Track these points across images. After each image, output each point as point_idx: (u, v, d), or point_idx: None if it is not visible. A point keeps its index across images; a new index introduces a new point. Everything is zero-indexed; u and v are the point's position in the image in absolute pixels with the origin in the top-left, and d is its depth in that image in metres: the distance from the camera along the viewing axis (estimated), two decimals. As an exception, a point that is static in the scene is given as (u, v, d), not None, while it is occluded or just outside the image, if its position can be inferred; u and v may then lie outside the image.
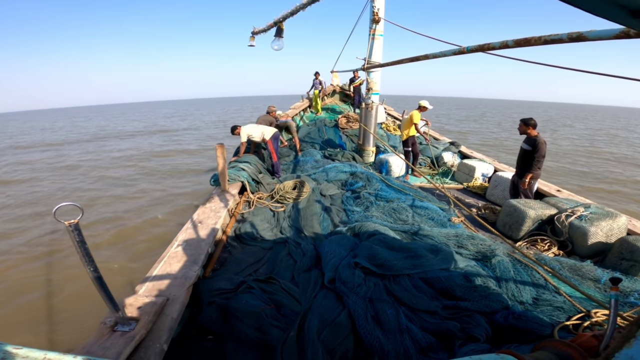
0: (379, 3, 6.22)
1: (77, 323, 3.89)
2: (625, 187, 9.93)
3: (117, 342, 1.85)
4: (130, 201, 8.19)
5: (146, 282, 2.61)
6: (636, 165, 12.95)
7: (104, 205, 7.89)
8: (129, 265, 5.09)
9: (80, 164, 12.83)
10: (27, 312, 4.12)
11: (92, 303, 4.02)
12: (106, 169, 11.71)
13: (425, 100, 6.67)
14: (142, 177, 10.58)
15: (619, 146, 18.14)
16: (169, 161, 13.01)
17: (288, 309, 2.53)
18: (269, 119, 7.36)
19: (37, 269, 5.06)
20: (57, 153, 15.77)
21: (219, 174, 4.68)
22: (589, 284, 2.84)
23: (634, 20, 0.79)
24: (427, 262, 2.94)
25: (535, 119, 4.50)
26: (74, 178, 10.61)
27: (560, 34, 1.82)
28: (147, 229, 6.49)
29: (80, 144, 18.91)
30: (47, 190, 9.37)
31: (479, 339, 2.22)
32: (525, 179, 4.51)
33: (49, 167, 12.39)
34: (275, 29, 6.33)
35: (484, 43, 2.42)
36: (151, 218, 7.04)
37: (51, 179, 10.60)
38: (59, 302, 4.29)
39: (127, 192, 8.97)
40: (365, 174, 5.59)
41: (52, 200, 8.37)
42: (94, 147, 17.44)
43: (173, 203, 8.01)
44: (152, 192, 8.92)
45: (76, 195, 8.80)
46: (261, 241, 3.78)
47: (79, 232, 1.63)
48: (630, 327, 1.02)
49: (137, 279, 2.72)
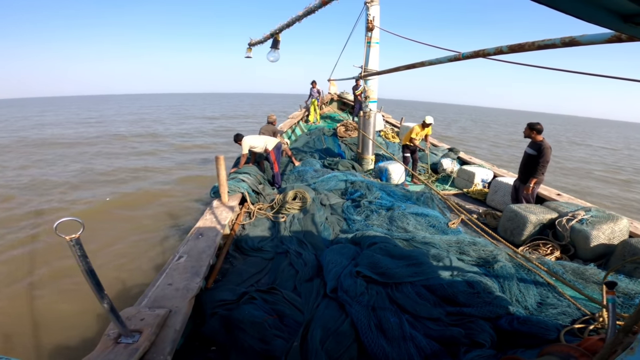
0: (373, 11, 6.31)
1: (80, 335, 3.86)
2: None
3: (120, 354, 1.84)
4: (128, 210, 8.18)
5: (148, 294, 2.60)
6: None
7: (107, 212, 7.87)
8: (131, 277, 5.06)
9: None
10: (24, 324, 4.09)
11: (94, 315, 4.00)
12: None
13: (429, 117, 6.90)
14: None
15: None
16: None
17: (291, 319, 2.51)
18: (271, 129, 7.40)
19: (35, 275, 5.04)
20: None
21: (219, 185, 4.69)
22: (593, 287, 2.83)
23: (624, 24, 0.81)
24: (429, 269, 2.93)
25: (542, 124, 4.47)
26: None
27: (553, 39, 1.85)
28: (150, 239, 6.47)
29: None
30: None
31: (484, 344, 2.21)
32: (530, 184, 4.48)
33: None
34: (272, 40, 6.42)
35: (479, 49, 2.45)
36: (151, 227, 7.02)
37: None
38: (58, 315, 4.26)
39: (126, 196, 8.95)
40: (365, 183, 5.60)
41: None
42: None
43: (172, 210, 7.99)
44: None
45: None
46: (262, 252, 3.77)
47: (80, 247, 1.64)
48: (618, 334, 1.02)
49: (139, 291, 2.71)
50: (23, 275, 5.19)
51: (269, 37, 6.42)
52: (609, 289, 1.43)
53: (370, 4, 6.27)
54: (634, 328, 0.99)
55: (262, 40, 6.66)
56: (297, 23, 5.47)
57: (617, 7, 0.76)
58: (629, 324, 1.00)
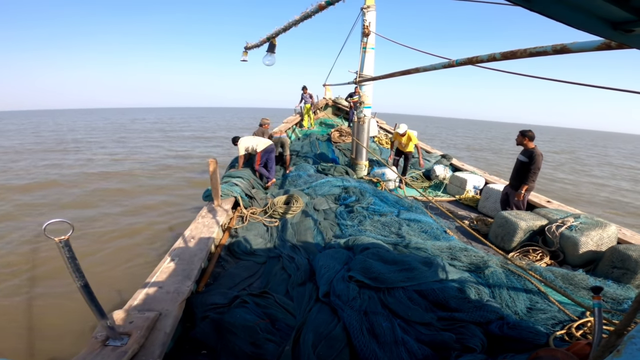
0: (369, 17, 6.37)
1: (66, 337, 3.81)
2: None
3: (108, 357, 1.81)
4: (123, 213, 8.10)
5: (138, 296, 2.58)
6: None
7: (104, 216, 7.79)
8: (121, 279, 5.01)
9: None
10: (11, 325, 4.03)
11: (81, 317, 3.94)
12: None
13: (402, 125, 7.20)
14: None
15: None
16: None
17: (283, 323, 2.50)
18: (262, 132, 7.44)
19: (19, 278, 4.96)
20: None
21: (211, 189, 4.67)
22: (582, 293, 2.86)
23: (614, 32, 0.83)
24: (420, 274, 2.94)
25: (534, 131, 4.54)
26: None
27: (544, 46, 1.89)
28: (141, 242, 6.41)
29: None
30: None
31: (475, 349, 2.22)
32: (521, 191, 4.54)
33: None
34: (268, 44, 6.44)
35: (472, 56, 2.49)
36: (144, 229, 6.96)
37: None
38: (46, 316, 4.20)
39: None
40: (359, 188, 5.61)
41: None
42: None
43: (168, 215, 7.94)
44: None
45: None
46: (255, 256, 3.75)
47: (69, 249, 1.63)
48: (610, 337, 1.03)
49: (129, 294, 2.68)
50: (8, 277, 5.11)
51: (265, 41, 6.44)
52: (595, 294, 1.45)
53: (366, 10, 6.34)
54: (625, 331, 1.00)
55: (258, 44, 6.67)
56: (293, 27, 5.49)
57: (607, 15, 0.78)
58: (621, 327, 1.02)
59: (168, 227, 7.21)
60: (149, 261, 5.52)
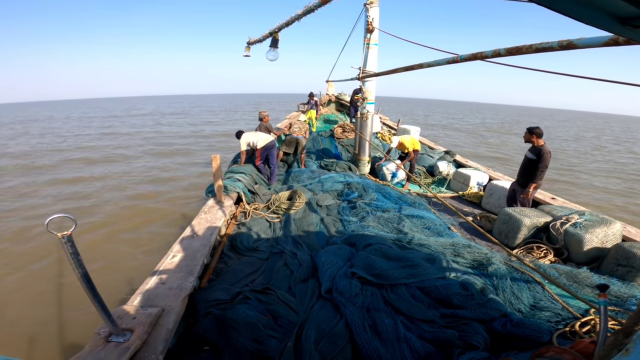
0: (373, 13, 6.31)
1: (71, 333, 3.83)
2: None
3: (111, 353, 1.82)
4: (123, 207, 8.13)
5: (141, 292, 2.58)
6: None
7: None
8: (124, 275, 5.03)
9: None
10: (14, 321, 4.06)
11: (84, 312, 3.96)
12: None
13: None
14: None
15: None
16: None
17: (285, 320, 2.50)
18: (263, 126, 7.40)
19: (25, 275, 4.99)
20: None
21: (214, 184, 4.67)
22: (586, 291, 2.85)
23: (622, 27, 0.81)
24: (423, 271, 2.93)
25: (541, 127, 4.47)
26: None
27: (550, 42, 1.86)
28: (143, 237, 6.43)
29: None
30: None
31: (478, 347, 2.21)
32: (529, 189, 4.49)
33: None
34: (271, 39, 6.39)
35: (477, 52, 2.46)
36: (146, 226, 6.98)
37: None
38: (48, 312, 4.23)
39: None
40: (361, 184, 5.60)
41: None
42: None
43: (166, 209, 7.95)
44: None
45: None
46: (257, 252, 3.75)
47: (72, 244, 1.62)
48: (617, 335, 1.02)
49: (132, 289, 2.68)
50: (10, 272, 5.15)
51: (267, 36, 6.38)
52: (601, 292, 1.43)
53: (369, 6, 6.27)
54: (634, 329, 0.99)
55: (261, 39, 6.62)
56: (296, 22, 5.44)
57: (616, 10, 0.76)
58: (629, 326, 1.00)
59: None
60: (152, 256, 5.53)
